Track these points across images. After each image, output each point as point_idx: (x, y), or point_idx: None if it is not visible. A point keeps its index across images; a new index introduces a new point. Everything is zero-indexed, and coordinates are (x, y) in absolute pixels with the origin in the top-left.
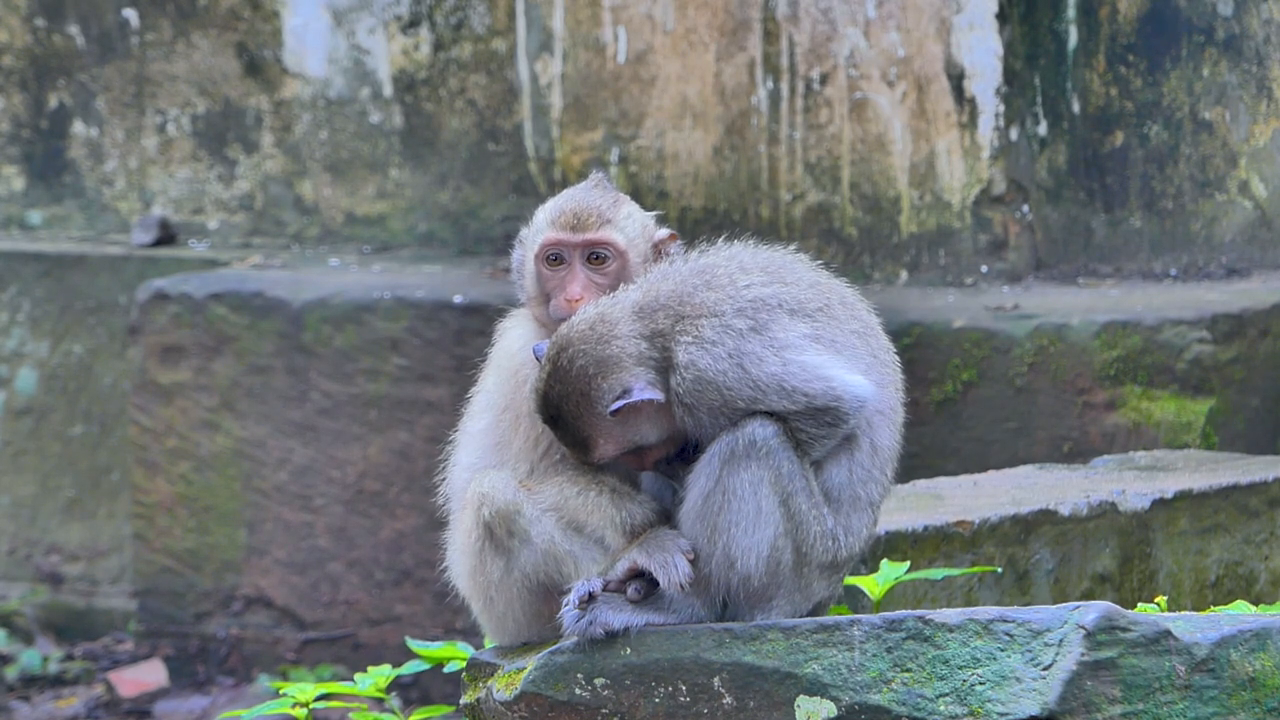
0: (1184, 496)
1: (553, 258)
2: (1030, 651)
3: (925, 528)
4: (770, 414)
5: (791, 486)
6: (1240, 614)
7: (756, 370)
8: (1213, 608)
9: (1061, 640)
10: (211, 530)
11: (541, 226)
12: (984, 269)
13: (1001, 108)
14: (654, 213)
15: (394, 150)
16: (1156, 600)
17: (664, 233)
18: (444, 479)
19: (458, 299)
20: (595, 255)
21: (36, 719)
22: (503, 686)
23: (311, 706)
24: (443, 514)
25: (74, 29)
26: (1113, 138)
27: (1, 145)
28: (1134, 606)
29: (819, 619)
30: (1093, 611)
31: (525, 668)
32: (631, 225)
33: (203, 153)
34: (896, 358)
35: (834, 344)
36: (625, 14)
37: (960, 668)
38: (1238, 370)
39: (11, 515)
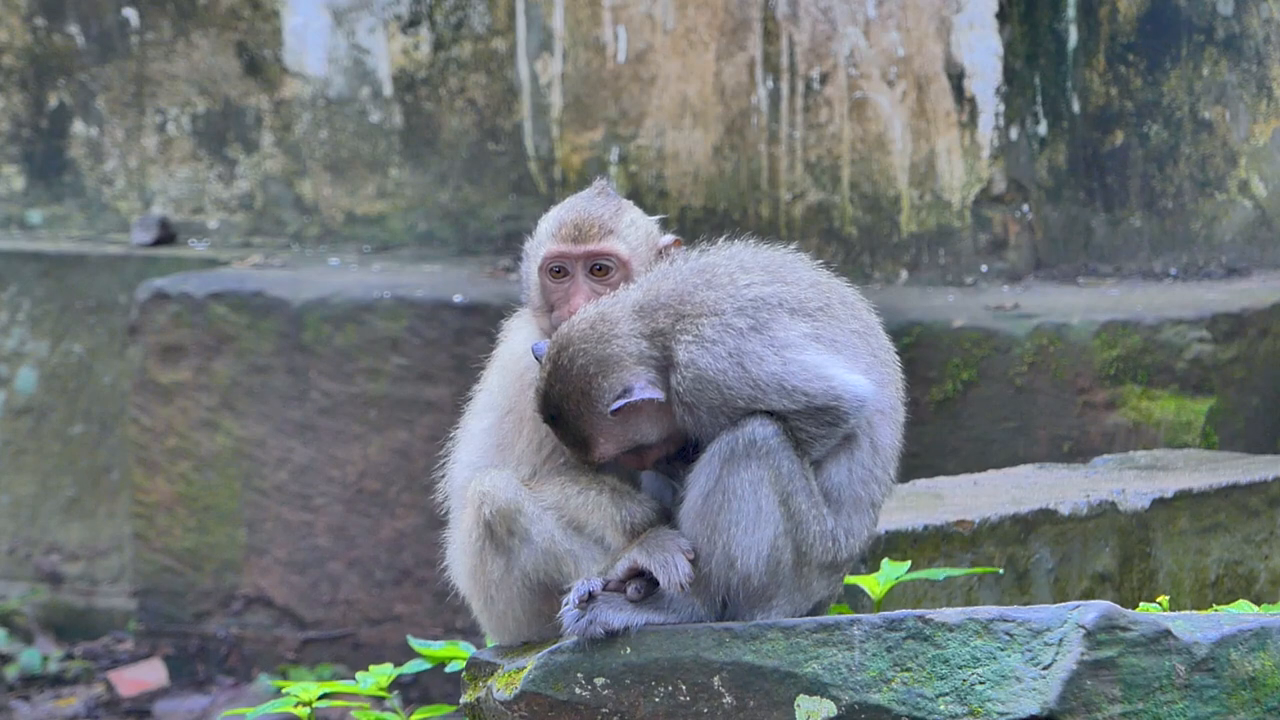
0: (1184, 496)
1: (556, 270)
2: (1030, 651)
3: (925, 527)
4: (770, 413)
5: (791, 486)
6: (1240, 614)
7: (756, 369)
8: (1214, 607)
9: (1061, 640)
10: (211, 530)
11: (544, 238)
12: (984, 268)
13: (1001, 107)
14: (657, 217)
15: (394, 150)
16: (1159, 599)
17: (668, 239)
18: (444, 477)
19: (458, 298)
20: (598, 266)
21: (36, 718)
22: (503, 686)
23: (314, 705)
24: (443, 513)
25: (74, 28)
26: (1113, 137)
27: (1, 145)
28: (1134, 606)
29: (819, 618)
30: (1093, 611)
31: (525, 667)
32: (634, 234)
33: (203, 152)
34: (896, 357)
35: (834, 343)
36: (625, 13)
37: (960, 667)
38: (1238, 370)
39: (11, 515)
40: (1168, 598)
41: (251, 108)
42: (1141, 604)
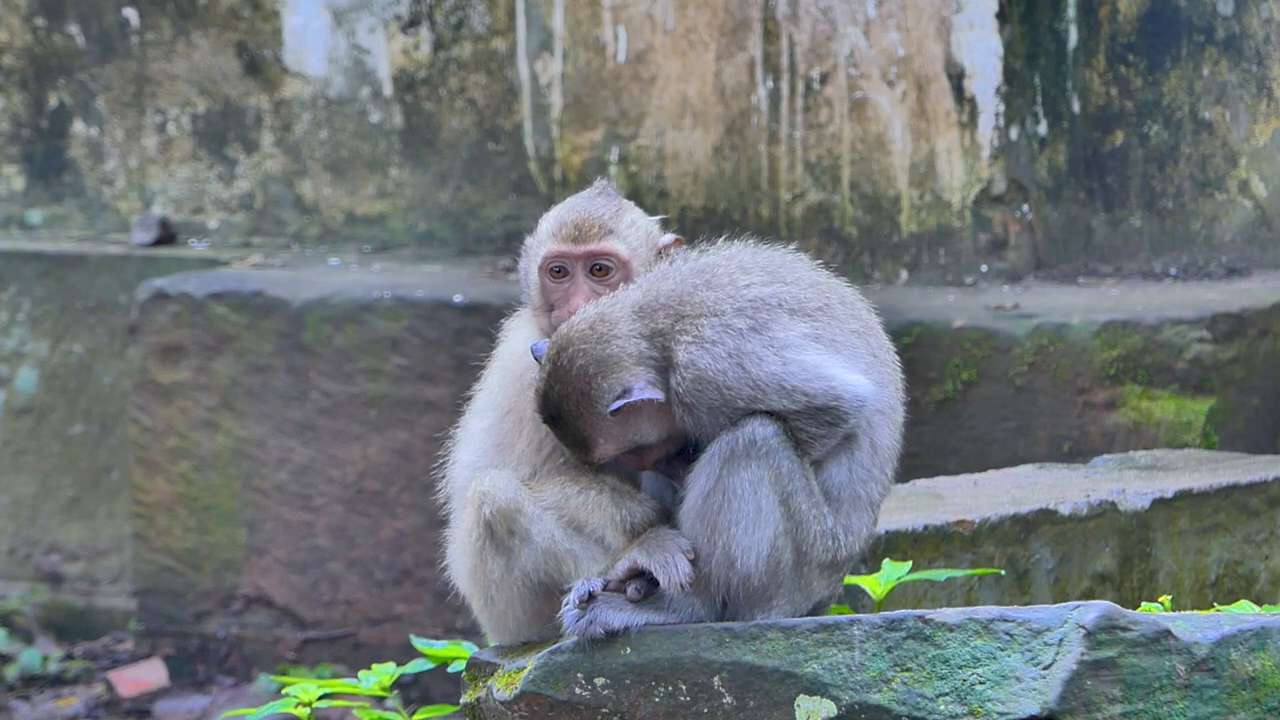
0: (1184, 496)
1: (556, 270)
2: (1030, 651)
3: (925, 527)
4: (770, 413)
5: (791, 486)
6: (1240, 614)
7: (756, 369)
8: (1214, 607)
9: (1061, 640)
10: (211, 530)
11: (544, 238)
12: (984, 268)
13: (1001, 107)
14: (658, 217)
15: (394, 150)
16: (1161, 599)
17: (668, 238)
18: (444, 477)
19: (458, 298)
20: (598, 266)
21: (37, 718)
22: (503, 686)
23: (314, 706)
24: (443, 513)
25: (74, 28)
26: (1113, 137)
27: (1, 145)
28: (1134, 606)
29: (819, 618)
30: (1093, 611)
31: (525, 667)
32: (634, 233)
33: (203, 152)
34: (896, 357)
35: (834, 343)
36: (625, 13)
37: (960, 667)
38: (1238, 370)
39: (11, 515)
40: (1170, 598)
41: (251, 108)
42: (1144, 604)
